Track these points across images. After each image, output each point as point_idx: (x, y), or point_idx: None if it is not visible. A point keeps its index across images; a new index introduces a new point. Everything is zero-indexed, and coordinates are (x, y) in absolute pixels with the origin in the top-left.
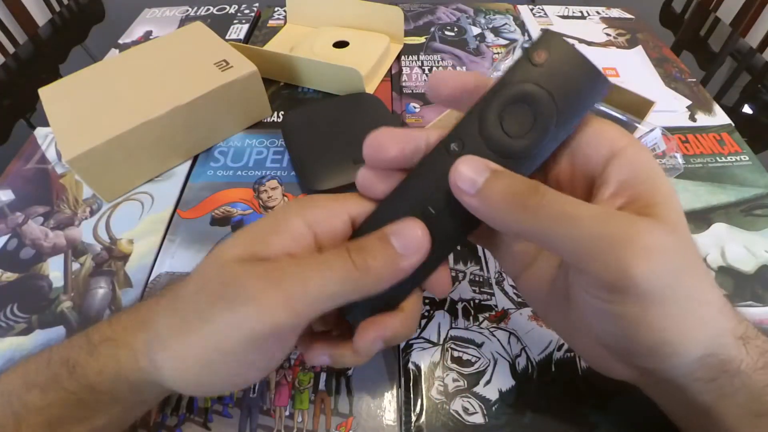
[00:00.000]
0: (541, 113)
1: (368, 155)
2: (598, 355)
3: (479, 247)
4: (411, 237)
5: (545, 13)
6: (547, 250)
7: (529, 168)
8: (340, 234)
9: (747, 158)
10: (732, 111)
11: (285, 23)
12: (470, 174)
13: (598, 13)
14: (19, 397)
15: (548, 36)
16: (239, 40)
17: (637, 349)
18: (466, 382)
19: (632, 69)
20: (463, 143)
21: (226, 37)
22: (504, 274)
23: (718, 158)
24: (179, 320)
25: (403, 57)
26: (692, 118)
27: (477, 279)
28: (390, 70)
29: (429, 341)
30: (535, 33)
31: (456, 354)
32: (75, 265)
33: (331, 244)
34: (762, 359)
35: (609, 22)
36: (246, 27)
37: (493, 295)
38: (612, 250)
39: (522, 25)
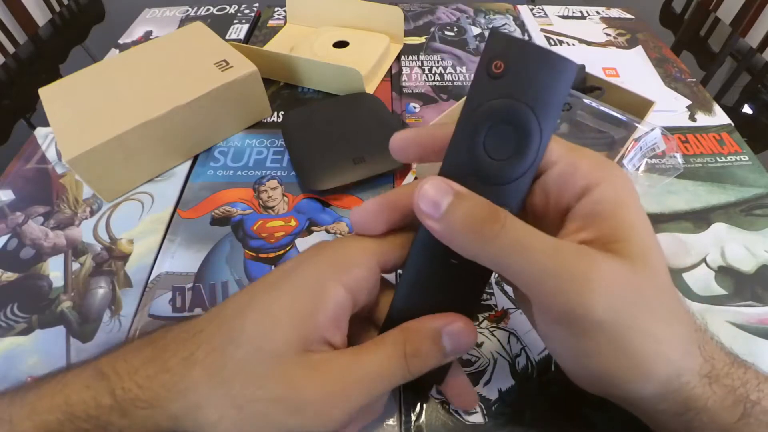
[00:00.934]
0: (522, 128)
1: (358, 232)
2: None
3: None
4: (463, 343)
5: (545, 13)
6: (504, 279)
7: (528, 181)
8: (375, 289)
9: (747, 158)
10: (732, 111)
11: (285, 23)
12: (434, 197)
13: (598, 13)
14: None
15: (498, 39)
16: (239, 40)
17: (589, 376)
18: None
19: (632, 69)
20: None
21: (226, 37)
22: None
23: (718, 158)
24: (236, 410)
25: (403, 57)
26: (692, 118)
27: None
28: (390, 70)
29: None
30: (536, 33)
31: None
32: (75, 265)
33: (364, 299)
34: (730, 397)
35: (609, 22)
36: (246, 27)
37: (493, 294)
38: (561, 286)
39: (522, 25)
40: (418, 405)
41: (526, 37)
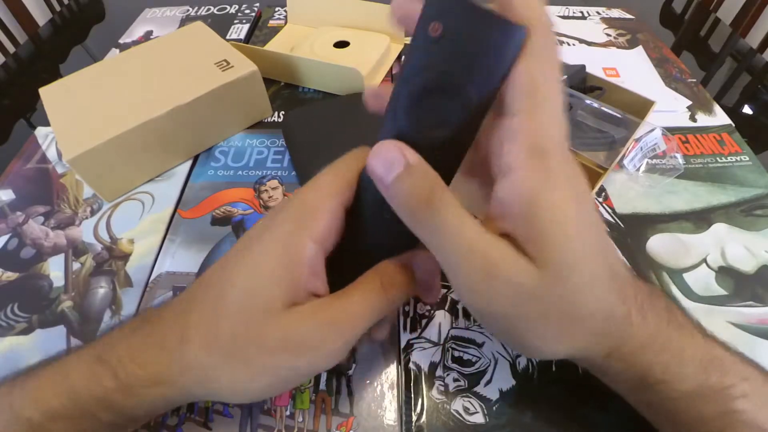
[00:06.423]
0: (455, 96)
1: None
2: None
3: None
4: (430, 266)
5: None
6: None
7: (465, 145)
8: (342, 227)
9: (747, 158)
10: (732, 111)
11: (285, 23)
12: (387, 163)
13: (598, 13)
14: (43, 427)
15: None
16: (240, 40)
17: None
18: (466, 381)
19: (632, 69)
20: None
21: (227, 37)
22: None
23: (718, 158)
24: (244, 367)
25: (403, 57)
26: (692, 118)
27: None
28: (390, 70)
29: (429, 341)
30: None
31: (456, 354)
32: (75, 265)
33: (334, 240)
34: (629, 372)
35: (609, 22)
36: (246, 27)
37: None
38: (466, 285)
39: None
40: (419, 405)
41: None
